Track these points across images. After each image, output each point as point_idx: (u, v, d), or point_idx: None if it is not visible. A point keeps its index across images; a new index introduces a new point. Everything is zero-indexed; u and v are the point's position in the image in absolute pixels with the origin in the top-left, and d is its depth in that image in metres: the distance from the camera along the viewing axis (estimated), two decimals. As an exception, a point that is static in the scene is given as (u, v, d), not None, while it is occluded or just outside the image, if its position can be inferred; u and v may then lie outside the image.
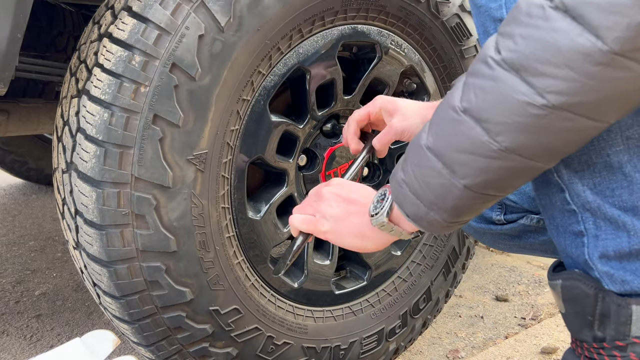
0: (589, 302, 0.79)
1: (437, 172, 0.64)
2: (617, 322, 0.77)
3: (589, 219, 0.76)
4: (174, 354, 0.94)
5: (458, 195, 0.64)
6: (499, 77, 0.57)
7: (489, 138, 0.59)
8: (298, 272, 1.12)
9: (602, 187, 0.74)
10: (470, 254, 1.36)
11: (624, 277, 0.75)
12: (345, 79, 1.10)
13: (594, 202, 0.75)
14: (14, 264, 1.93)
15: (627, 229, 0.74)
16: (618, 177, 0.73)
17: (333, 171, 1.12)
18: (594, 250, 0.77)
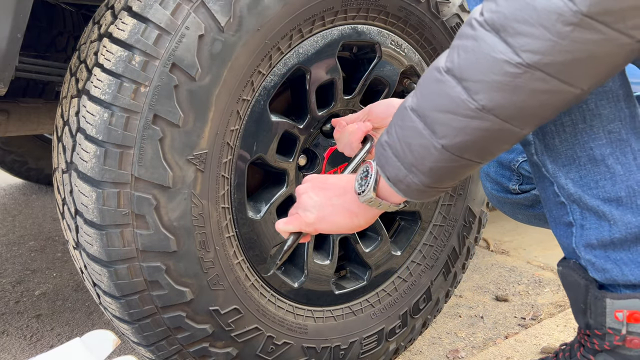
0: (581, 290, 0.84)
1: (418, 133, 0.66)
2: (595, 313, 0.82)
3: (576, 210, 0.81)
4: (174, 354, 0.94)
5: (436, 156, 0.65)
6: (480, 36, 0.59)
7: (467, 96, 0.60)
8: (298, 272, 1.12)
9: (587, 179, 0.78)
10: (470, 254, 1.36)
11: (605, 266, 0.80)
12: (345, 79, 1.10)
13: (576, 194, 0.80)
14: (14, 264, 1.93)
15: (608, 219, 0.78)
16: (601, 169, 0.77)
17: (333, 171, 1.12)
18: (579, 239, 0.82)
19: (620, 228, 0.78)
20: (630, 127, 0.77)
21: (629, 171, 0.77)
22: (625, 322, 0.79)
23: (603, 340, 0.82)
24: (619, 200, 0.78)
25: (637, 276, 0.78)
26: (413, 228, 1.28)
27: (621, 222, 0.78)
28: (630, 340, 0.80)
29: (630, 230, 0.78)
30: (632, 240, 0.78)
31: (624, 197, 0.78)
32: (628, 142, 0.77)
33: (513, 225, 2.32)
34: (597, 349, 0.84)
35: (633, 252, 0.79)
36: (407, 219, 1.29)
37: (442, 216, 1.29)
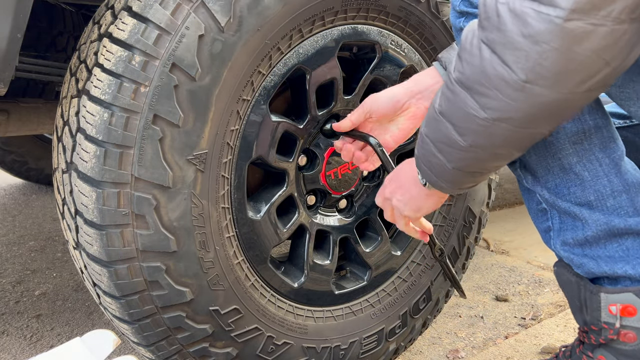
0: (574, 288, 0.90)
1: (434, 155, 0.77)
2: (591, 308, 0.87)
3: (556, 215, 0.90)
4: (174, 354, 0.94)
5: (452, 173, 0.78)
6: (456, 92, 0.69)
7: (458, 137, 0.71)
8: (298, 272, 1.12)
9: (561, 187, 0.88)
10: (470, 254, 1.36)
11: (581, 261, 0.88)
12: (345, 79, 1.10)
13: (550, 199, 0.89)
14: (14, 264, 1.93)
15: (581, 219, 0.87)
16: (571, 177, 0.87)
17: (333, 171, 1.12)
18: (557, 240, 0.91)
19: (592, 226, 0.86)
20: (595, 137, 0.86)
21: (596, 177, 0.85)
22: (618, 315, 0.84)
23: (599, 335, 0.86)
24: (590, 204, 0.86)
25: (610, 267, 0.85)
26: (413, 228, 1.28)
27: (591, 220, 0.86)
28: (624, 334, 0.83)
29: (601, 228, 0.85)
30: (604, 237, 0.86)
31: (594, 200, 0.86)
32: (592, 151, 0.86)
33: (513, 225, 2.32)
34: (595, 344, 0.86)
35: (608, 248, 0.86)
36: (407, 219, 1.29)
37: (442, 216, 1.29)
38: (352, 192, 1.18)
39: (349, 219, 1.19)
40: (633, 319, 0.83)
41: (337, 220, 1.18)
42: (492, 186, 1.35)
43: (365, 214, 1.21)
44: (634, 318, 0.83)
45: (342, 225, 1.18)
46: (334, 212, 1.19)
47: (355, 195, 1.20)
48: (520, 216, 2.44)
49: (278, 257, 1.18)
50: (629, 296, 0.82)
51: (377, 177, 1.22)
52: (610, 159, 0.85)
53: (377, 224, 1.22)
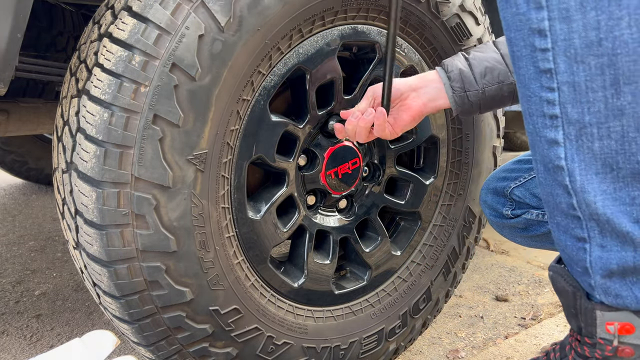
0: (569, 297, 0.83)
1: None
2: (586, 323, 0.81)
3: (595, 229, 0.74)
4: (174, 354, 0.94)
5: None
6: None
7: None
8: (298, 272, 1.12)
9: (622, 193, 0.71)
10: (470, 254, 1.36)
11: (620, 292, 0.75)
12: (345, 79, 1.10)
13: (603, 215, 0.72)
14: (14, 264, 1.93)
15: (634, 244, 0.72)
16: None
17: (333, 171, 1.12)
18: (597, 261, 0.75)
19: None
20: None
21: None
22: (616, 334, 0.77)
23: (594, 349, 0.80)
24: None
25: None
26: (413, 228, 1.28)
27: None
28: (622, 350, 0.77)
29: None
30: None
31: None
32: None
33: (513, 225, 2.31)
34: (588, 356, 0.82)
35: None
36: (407, 219, 1.30)
37: (442, 216, 1.29)
38: (352, 192, 1.18)
39: (349, 219, 1.19)
40: (631, 336, 0.76)
41: (337, 220, 1.18)
42: (492, 186, 1.35)
43: (365, 214, 1.21)
44: (632, 335, 0.76)
45: (342, 225, 1.18)
46: (334, 212, 1.19)
47: (355, 195, 1.20)
48: (520, 216, 2.43)
49: (278, 257, 1.18)
50: (627, 315, 0.76)
51: (377, 177, 1.22)
52: None
53: (377, 224, 1.22)
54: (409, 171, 1.25)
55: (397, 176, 1.24)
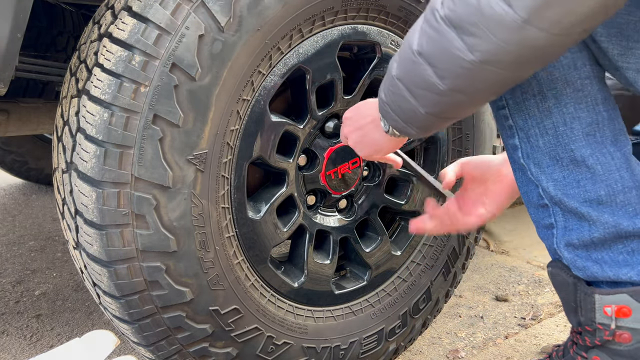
0: (570, 289, 0.88)
1: (406, 99, 0.75)
2: (585, 309, 0.86)
3: (559, 212, 0.86)
4: (174, 354, 0.94)
5: (423, 117, 0.76)
6: (442, 31, 0.65)
7: (437, 79, 0.68)
8: (298, 272, 1.12)
9: (570, 179, 0.83)
10: (470, 254, 1.36)
11: (585, 264, 0.84)
12: (345, 79, 1.10)
13: (556, 196, 0.84)
14: (14, 264, 1.93)
15: (587, 220, 0.83)
16: (582, 170, 0.82)
17: (333, 171, 1.12)
18: (560, 240, 0.86)
19: (599, 228, 0.82)
20: (608, 129, 0.82)
21: (608, 171, 0.82)
22: (614, 316, 0.82)
23: (594, 336, 0.84)
24: (599, 200, 0.82)
25: (615, 273, 0.82)
26: (413, 228, 1.28)
27: (599, 222, 0.82)
28: (619, 335, 0.82)
29: (608, 230, 0.82)
30: (610, 239, 0.82)
31: (604, 195, 0.82)
32: (604, 144, 0.82)
33: (513, 225, 2.32)
34: (589, 345, 0.86)
35: (612, 251, 0.83)
36: (407, 218, 1.29)
37: (442, 216, 1.29)
38: (352, 192, 1.18)
39: (349, 219, 1.19)
40: (628, 319, 0.82)
41: (337, 220, 1.18)
42: (492, 186, 1.35)
43: (365, 214, 1.21)
44: (629, 319, 0.82)
45: (342, 225, 1.18)
46: (334, 212, 1.19)
47: (355, 195, 1.20)
48: (520, 216, 2.44)
49: (278, 257, 1.18)
50: (623, 297, 0.81)
51: (377, 177, 1.22)
52: (621, 153, 0.83)
53: (377, 224, 1.22)
54: (409, 171, 1.24)
55: (397, 176, 1.24)
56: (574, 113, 0.81)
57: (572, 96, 0.81)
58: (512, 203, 1.18)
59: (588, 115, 0.81)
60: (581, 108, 0.81)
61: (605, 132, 0.82)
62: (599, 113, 0.82)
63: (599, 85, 0.82)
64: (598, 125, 0.82)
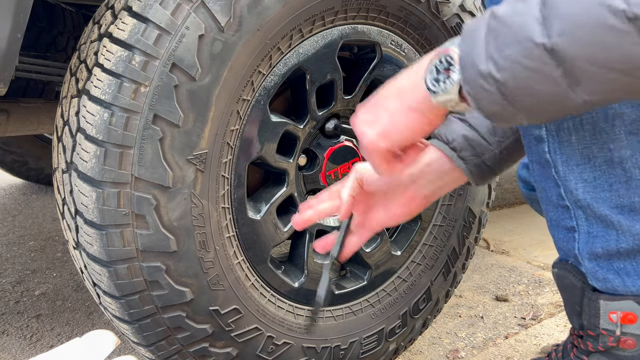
0: (577, 292, 0.84)
1: (552, 81, 0.52)
2: (589, 314, 0.82)
3: (581, 216, 0.78)
4: (174, 354, 0.94)
5: (569, 107, 0.54)
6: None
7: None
8: (298, 272, 1.12)
9: (601, 180, 0.74)
10: (470, 254, 1.36)
11: (607, 276, 0.78)
12: (345, 79, 1.10)
13: (584, 200, 0.76)
14: (14, 264, 1.93)
15: (616, 228, 0.75)
16: (617, 172, 0.74)
17: (333, 171, 1.12)
18: (584, 246, 0.79)
19: (628, 238, 0.75)
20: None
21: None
22: (619, 323, 0.79)
23: (597, 342, 0.82)
24: (632, 206, 0.74)
25: (638, 287, 0.76)
26: (413, 228, 1.28)
27: (629, 232, 0.74)
28: (624, 341, 0.80)
29: (638, 242, 0.74)
30: (638, 250, 0.75)
31: (637, 202, 0.74)
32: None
33: (513, 225, 2.32)
34: (591, 350, 0.84)
35: (637, 261, 0.76)
36: (407, 219, 1.30)
37: (442, 216, 1.29)
38: (352, 192, 1.18)
39: (349, 219, 1.19)
40: (633, 326, 0.78)
41: (337, 220, 1.18)
42: (492, 186, 1.35)
43: (365, 214, 1.21)
44: (634, 325, 0.78)
45: (342, 225, 1.18)
46: (334, 212, 1.18)
47: (355, 195, 1.20)
48: (520, 216, 2.44)
49: (278, 257, 1.18)
50: (629, 304, 0.78)
51: (377, 177, 1.22)
52: None
53: (377, 224, 1.22)
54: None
55: (397, 176, 1.24)
56: (618, 108, 0.70)
57: None
58: (511, 203, 1.17)
59: (632, 111, 0.70)
60: (625, 103, 0.70)
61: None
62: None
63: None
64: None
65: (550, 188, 0.80)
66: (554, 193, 0.80)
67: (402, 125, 0.64)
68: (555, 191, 0.79)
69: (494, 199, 1.37)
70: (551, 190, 0.80)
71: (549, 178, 0.79)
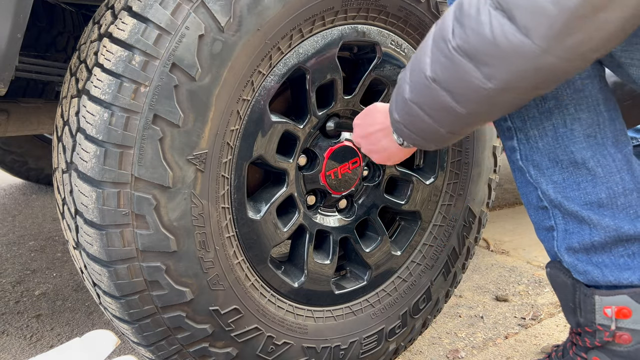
0: (569, 290, 0.87)
1: (424, 121, 0.75)
2: (585, 310, 0.85)
3: (558, 215, 0.85)
4: (174, 354, 0.94)
5: (445, 136, 0.76)
6: (456, 61, 0.65)
7: (455, 104, 0.69)
8: (298, 272, 1.12)
9: (570, 181, 0.83)
10: (470, 254, 1.36)
11: (586, 268, 0.84)
12: (345, 79, 1.10)
13: (556, 200, 0.84)
14: (14, 264, 1.93)
15: (588, 223, 0.82)
16: (582, 172, 0.82)
17: (333, 171, 1.12)
18: (561, 243, 0.86)
19: (600, 232, 0.81)
20: (609, 130, 0.81)
21: (609, 173, 0.81)
22: (614, 317, 0.82)
23: (594, 337, 0.84)
24: (600, 202, 0.81)
25: (616, 277, 0.82)
26: (413, 228, 1.28)
27: (600, 225, 0.81)
28: (619, 336, 0.82)
29: (609, 234, 0.81)
30: (611, 243, 0.81)
31: (604, 198, 0.81)
32: (605, 145, 0.81)
33: (513, 225, 2.32)
34: (589, 347, 0.85)
35: (613, 254, 0.82)
36: (407, 219, 1.29)
37: (442, 216, 1.29)
38: (352, 192, 1.18)
39: (349, 219, 1.19)
40: (628, 320, 0.81)
41: (337, 220, 1.18)
42: (492, 186, 1.35)
43: (365, 214, 1.21)
44: (629, 320, 0.81)
45: (342, 225, 1.18)
46: (334, 212, 1.19)
47: (355, 195, 1.20)
48: (520, 216, 2.44)
49: (278, 257, 1.18)
50: (623, 298, 0.81)
51: (377, 177, 1.22)
52: (622, 154, 0.81)
53: (377, 224, 1.22)
54: (409, 171, 1.25)
55: (397, 176, 1.24)
56: (575, 114, 0.80)
57: (573, 97, 0.80)
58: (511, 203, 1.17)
59: (589, 116, 0.80)
60: (582, 109, 0.80)
61: (606, 133, 0.81)
62: (600, 114, 0.81)
63: (600, 84, 0.81)
64: (599, 127, 0.81)
65: (529, 192, 0.88)
66: (533, 196, 0.88)
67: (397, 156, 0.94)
68: (534, 194, 0.87)
69: (494, 199, 1.37)
70: (531, 194, 0.88)
71: (527, 183, 0.88)
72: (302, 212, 1.09)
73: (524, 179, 0.88)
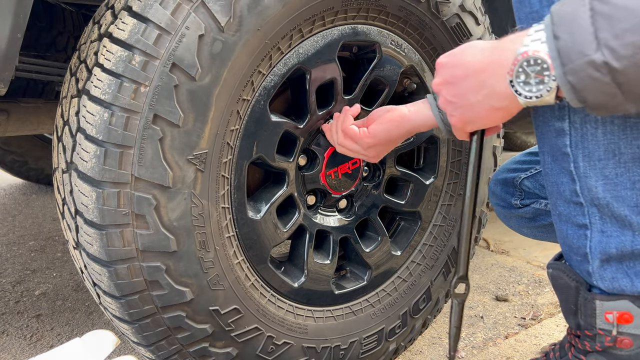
0: (572, 292, 0.84)
1: None
2: (586, 314, 0.82)
3: (595, 214, 0.76)
4: (174, 354, 0.94)
5: None
6: None
7: None
8: (298, 272, 1.12)
9: (623, 178, 0.72)
10: (470, 254, 1.36)
11: (615, 275, 0.77)
12: (345, 79, 1.10)
13: (604, 199, 0.73)
14: (14, 264, 1.93)
15: (633, 229, 0.73)
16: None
17: (333, 171, 1.12)
18: (597, 245, 0.77)
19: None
20: None
21: None
22: (615, 323, 0.78)
23: (594, 341, 0.82)
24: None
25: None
26: (413, 228, 1.28)
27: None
28: (621, 341, 0.79)
29: None
30: None
31: None
32: None
33: (513, 225, 2.32)
34: (588, 350, 0.83)
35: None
36: (407, 219, 1.30)
37: (442, 216, 1.29)
38: (352, 192, 1.18)
39: (349, 219, 1.19)
40: (629, 325, 0.77)
41: (337, 220, 1.18)
42: (492, 186, 1.35)
43: (365, 214, 1.21)
44: (630, 325, 0.77)
45: (342, 225, 1.18)
46: (334, 212, 1.19)
47: (355, 195, 1.20)
48: (520, 216, 2.44)
49: (278, 257, 1.18)
50: (625, 303, 0.77)
51: (377, 177, 1.22)
52: None
53: (377, 224, 1.22)
54: (409, 171, 1.25)
55: (397, 176, 1.24)
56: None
57: None
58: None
59: None
60: None
61: None
62: None
63: None
64: None
65: (563, 183, 0.77)
66: (567, 188, 0.77)
67: (485, 119, 0.70)
68: (570, 187, 0.76)
69: (494, 199, 1.37)
70: (564, 186, 0.77)
71: (564, 173, 0.76)
72: (302, 212, 1.09)
73: (559, 168, 0.76)
